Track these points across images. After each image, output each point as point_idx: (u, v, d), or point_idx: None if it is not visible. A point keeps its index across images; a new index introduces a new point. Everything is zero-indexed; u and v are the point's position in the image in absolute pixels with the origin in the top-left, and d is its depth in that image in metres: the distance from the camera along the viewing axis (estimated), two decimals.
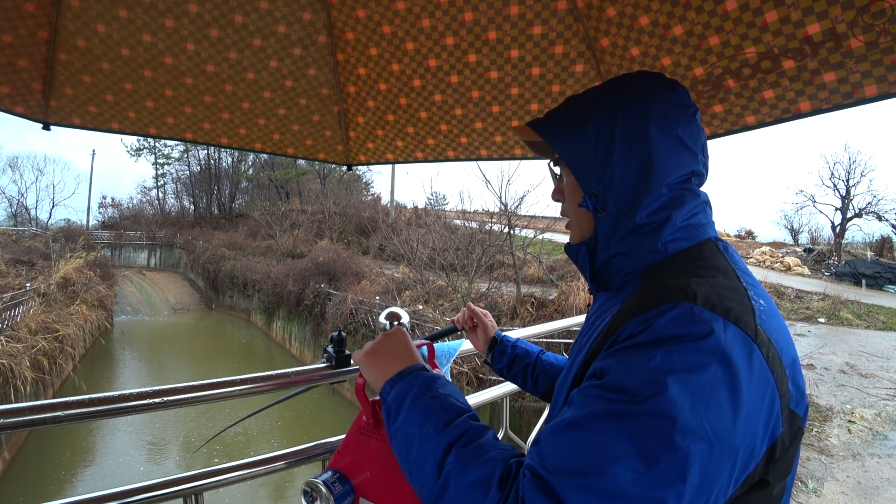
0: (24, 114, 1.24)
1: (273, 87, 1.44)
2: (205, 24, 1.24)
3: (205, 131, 1.48)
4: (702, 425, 0.43)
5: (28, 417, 0.82)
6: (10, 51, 1.12)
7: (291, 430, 8.72)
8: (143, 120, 1.39)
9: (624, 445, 0.43)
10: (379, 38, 1.33)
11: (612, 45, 1.16)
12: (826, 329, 8.87)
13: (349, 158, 1.71)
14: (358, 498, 0.73)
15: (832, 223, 18.74)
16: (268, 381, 1.07)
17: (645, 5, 1.02)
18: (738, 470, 0.46)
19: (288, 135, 1.59)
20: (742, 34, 0.93)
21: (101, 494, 0.89)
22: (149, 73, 1.29)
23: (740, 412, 0.45)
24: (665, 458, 0.42)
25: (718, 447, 0.43)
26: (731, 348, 0.46)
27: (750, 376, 0.46)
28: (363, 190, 31.76)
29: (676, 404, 0.43)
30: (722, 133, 1.14)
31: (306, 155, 1.68)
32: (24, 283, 10.93)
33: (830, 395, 4.78)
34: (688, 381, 0.44)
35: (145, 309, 21.01)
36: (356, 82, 1.48)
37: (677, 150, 0.61)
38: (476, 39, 1.25)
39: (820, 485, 3.02)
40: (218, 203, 34.51)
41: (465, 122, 1.46)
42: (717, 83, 1.03)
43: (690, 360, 0.45)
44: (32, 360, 8.28)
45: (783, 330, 0.54)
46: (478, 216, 14.77)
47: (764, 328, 0.49)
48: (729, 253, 0.60)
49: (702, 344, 0.46)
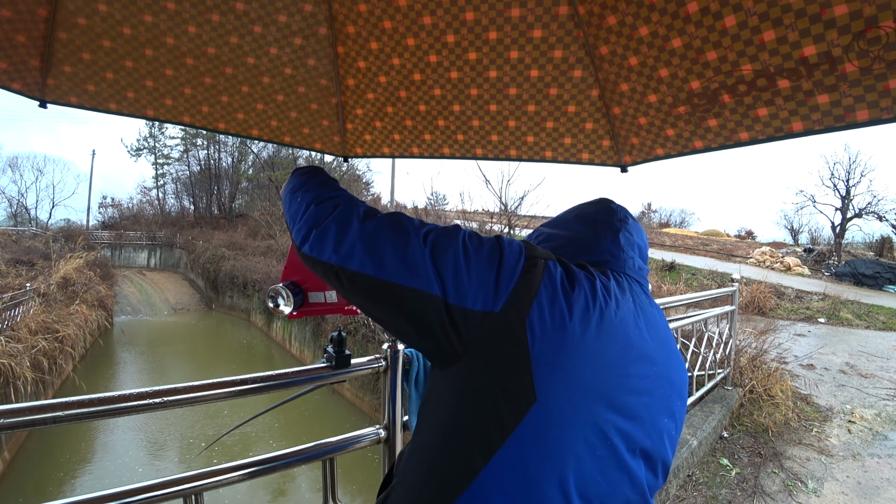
0: (20, 90, 1.23)
1: (273, 72, 1.45)
2: (206, 8, 1.26)
3: (203, 115, 1.47)
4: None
5: (28, 417, 0.82)
6: (7, 26, 1.11)
7: (291, 431, 8.72)
8: (141, 101, 1.38)
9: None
10: (380, 33, 1.34)
11: (611, 54, 1.16)
12: (826, 329, 8.87)
13: (346, 150, 1.72)
14: (306, 293, 1.01)
15: (832, 223, 18.73)
16: (268, 381, 1.07)
17: (645, 16, 1.02)
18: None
19: (286, 121, 1.59)
20: (739, 51, 0.93)
21: (101, 494, 0.89)
22: (150, 51, 1.29)
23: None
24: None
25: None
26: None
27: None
28: (363, 190, 31.74)
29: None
30: (715, 147, 1.15)
31: (303, 143, 1.67)
32: (24, 283, 10.93)
33: (830, 395, 4.78)
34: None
35: (145, 309, 21.00)
36: (356, 75, 1.49)
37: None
38: (476, 38, 1.26)
39: (820, 485, 3.02)
40: (218, 203, 34.50)
41: (462, 118, 1.47)
42: (712, 97, 1.04)
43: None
44: (32, 360, 8.28)
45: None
46: (478, 216, 14.78)
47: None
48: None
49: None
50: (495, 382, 0.57)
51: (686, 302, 3.50)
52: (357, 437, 1.26)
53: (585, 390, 0.58)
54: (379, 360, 1.28)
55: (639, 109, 1.22)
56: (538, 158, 1.46)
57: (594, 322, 0.61)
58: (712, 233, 30.08)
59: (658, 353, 0.68)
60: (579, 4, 1.12)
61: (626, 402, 0.61)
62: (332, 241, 0.66)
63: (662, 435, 0.66)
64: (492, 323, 0.58)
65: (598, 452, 0.58)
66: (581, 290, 0.63)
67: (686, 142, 1.18)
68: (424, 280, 0.60)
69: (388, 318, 0.65)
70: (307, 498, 6.54)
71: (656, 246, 20.37)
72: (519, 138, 1.44)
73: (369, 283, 0.63)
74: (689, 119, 1.13)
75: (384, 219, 0.67)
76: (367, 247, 0.64)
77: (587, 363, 0.59)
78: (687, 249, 19.88)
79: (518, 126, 1.41)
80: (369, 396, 8.88)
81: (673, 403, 0.69)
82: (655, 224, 40.80)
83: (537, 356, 0.57)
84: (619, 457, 0.60)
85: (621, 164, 1.38)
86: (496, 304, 0.59)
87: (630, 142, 1.31)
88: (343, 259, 0.64)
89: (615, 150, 1.36)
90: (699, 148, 1.17)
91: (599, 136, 1.36)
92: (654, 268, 14.82)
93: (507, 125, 1.42)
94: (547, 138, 1.41)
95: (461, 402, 0.59)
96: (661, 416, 0.66)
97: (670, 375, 0.69)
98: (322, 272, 0.68)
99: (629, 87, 1.19)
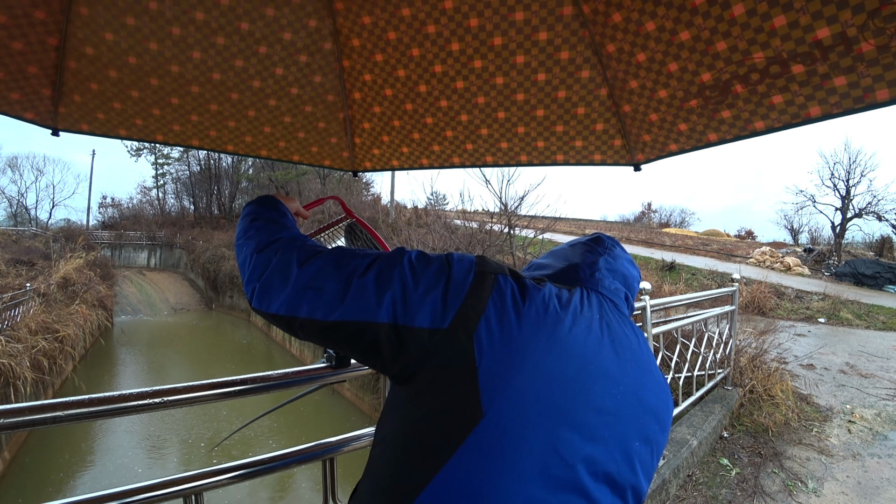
0: (33, 120, 1.25)
1: (279, 94, 1.45)
2: (211, 31, 1.25)
3: (211, 138, 1.49)
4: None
5: (28, 417, 0.82)
6: (20, 58, 1.13)
7: (291, 431, 8.72)
8: (150, 127, 1.40)
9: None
10: (384, 45, 1.33)
11: (619, 51, 1.15)
12: (826, 329, 8.87)
13: (354, 165, 1.71)
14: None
15: (832, 223, 18.72)
16: (268, 381, 1.07)
17: (651, 11, 1.01)
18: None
19: (294, 142, 1.59)
20: (750, 39, 0.92)
21: (101, 494, 0.89)
22: (155, 81, 1.30)
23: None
24: None
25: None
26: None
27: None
28: (363, 190, 31.75)
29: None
30: (730, 139, 1.12)
31: (312, 161, 1.68)
32: (24, 283, 10.92)
33: (830, 395, 4.78)
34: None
35: (145, 309, 21.00)
36: (362, 88, 1.48)
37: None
38: (481, 45, 1.25)
39: (820, 485, 3.02)
40: (218, 203, 34.50)
41: (470, 128, 1.45)
42: (724, 88, 1.03)
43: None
44: (32, 360, 8.28)
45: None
46: (478, 216, 14.76)
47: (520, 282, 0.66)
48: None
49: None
50: (442, 398, 0.57)
51: (686, 302, 3.51)
52: (357, 437, 1.26)
53: (538, 406, 0.56)
54: None
55: (649, 106, 1.20)
56: (549, 162, 1.44)
57: (545, 336, 0.60)
58: (712, 233, 30.08)
59: (624, 373, 0.65)
60: (584, 3, 1.11)
61: (584, 420, 0.58)
62: (276, 293, 0.67)
63: (633, 459, 0.62)
64: (440, 339, 0.58)
65: (553, 472, 0.55)
66: (532, 303, 0.62)
67: (700, 135, 1.16)
68: (371, 311, 0.61)
69: (346, 350, 0.67)
70: (307, 498, 6.53)
71: (656, 246, 20.37)
72: (529, 144, 1.42)
73: (320, 326, 0.64)
74: (701, 112, 1.11)
75: (325, 258, 0.67)
76: (310, 292, 0.65)
77: (538, 378, 0.57)
78: (687, 249, 19.88)
79: (527, 132, 1.40)
80: (369, 396, 8.88)
81: (647, 427, 0.66)
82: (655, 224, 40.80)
83: (485, 371, 0.56)
84: (577, 479, 0.57)
85: (634, 163, 1.36)
86: (444, 321, 0.59)
87: (642, 139, 1.29)
88: (290, 309, 0.65)
89: (627, 148, 1.34)
90: (714, 141, 1.15)
91: (611, 135, 1.34)
92: (654, 268, 14.83)
93: (517, 131, 1.41)
94: (557, 142, 1.39)
95: (410, 416, 0.60)
96: (631, 440, 0.63)
97: (642, 397, 0.66)
98: (275, 323, 0.69)
99: (638, 83, 1.18)
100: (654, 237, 24.47)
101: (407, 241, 13.09)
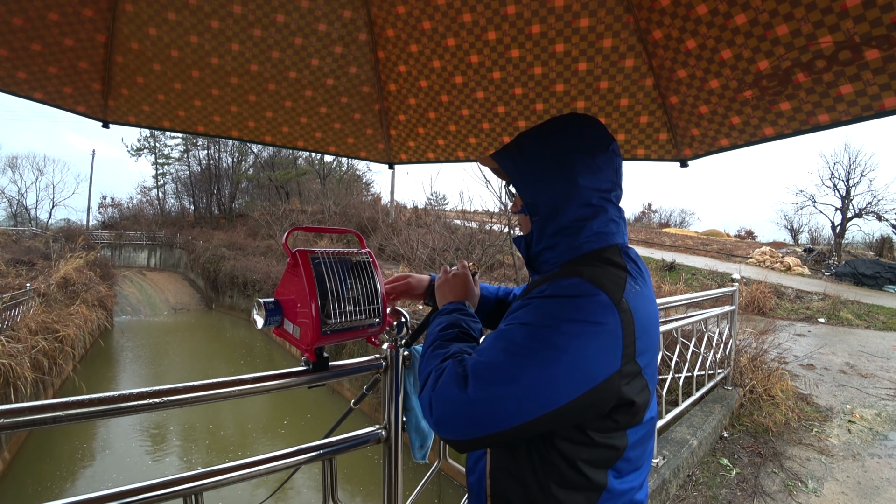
0: (85, 113, 1.28)
1: (315, 85, 1.45)
2: (248, 24, 1.27)
3: (249, 129, 1.51)
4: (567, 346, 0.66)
5: (28, 417, 0.82)
6: (71, 53, 1.16)
7: (291, 431, 8.72)
8: (192, 118, 1.42)
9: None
10: (419, 35, 1.31)
11: (666, 38, 1.06)
12: (826, 329, 8.86)
13: (390, 157, 1.69)
14: (283, 319, 1.07)
15: (832, 223, 18.72)
16: (268, 380, 1.07)
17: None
18: (579, 379, 0.66)
19: (330, 133, 1.59)
20: (816, 21, 0.81)
21: (101, 494, 0.89)
22: (196, 73, 1.32)
23: (590, 342, 0.66)
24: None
25: (568, 361, 0.65)
26: (597, 306, 0.68)
27: (605, 325, 0.67)
28: (363, 190, 31.74)
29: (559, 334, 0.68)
30: (789, 133, 1.02)
31: (348, 153, 1.67)
32: (24, 283, 10.91)
33: (830, 395, 4.78)
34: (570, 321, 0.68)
35: (145, 309, 20.99)
36: (397, 80, 1.46)
37: (594, 174, 0.79)
38: (519, 34, 1.19)
39: (820, 485, 3.02)
40: (218, 203, 34.48)
41: (507, 120, 1.41)
42: (784, 77, 0.93)
43: (571, 309, 0.69)
44: (32, 360, 8.27)
45: (648, 307, 0.75)
46: (478, 216, 14.75)
47: (627, 300, 0.70)
48: (628, 255, 0.80)
49: (580, 301, 0.69)
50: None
51: (686, 302, 3.50)
52: (357, 437, 1.26)
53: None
54: (379, 361, 1.28)
55: (699, 97, 1.11)
56: None
57: (652, 306, 0.78)
58: (712, 233, 30.07)
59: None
60: None
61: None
62: (495, 415, 0.68)
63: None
64: (625, 370, 0.69)
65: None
66: (641, 288, 0.76)
67: (754, 129, 1.07)
68: (585, 375, 0.66)
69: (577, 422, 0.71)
70: (307, 498, 6.53)
71: (656, 246, 20.36)
72: None
73: (548, 418, 0.66)
74: (756, 104, 1.02)
75: (501, 364, 0.68)
76: (517, 400, 0.66)
77: (654, 339, 0.76)
78: (687, 249, 19.87)
79: None
80: (369, 396, 8.86)
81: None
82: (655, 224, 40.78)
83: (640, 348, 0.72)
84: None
85: (681, 159, 1.28)
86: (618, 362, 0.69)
87: (690, 133, 1.21)
88: (503, 424, 0.67)
89: (673, 143, 1.27)
90: (770, 135, 1.05)
91: (656, 129, 1.27)
92: (655, 268, 14.81)
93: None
94: None
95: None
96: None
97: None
98: (505, 441, 0.69)
99: (687, 73, 1.09)
100: (654, 237, 24.46)
101: (407, 240, 13.08)
